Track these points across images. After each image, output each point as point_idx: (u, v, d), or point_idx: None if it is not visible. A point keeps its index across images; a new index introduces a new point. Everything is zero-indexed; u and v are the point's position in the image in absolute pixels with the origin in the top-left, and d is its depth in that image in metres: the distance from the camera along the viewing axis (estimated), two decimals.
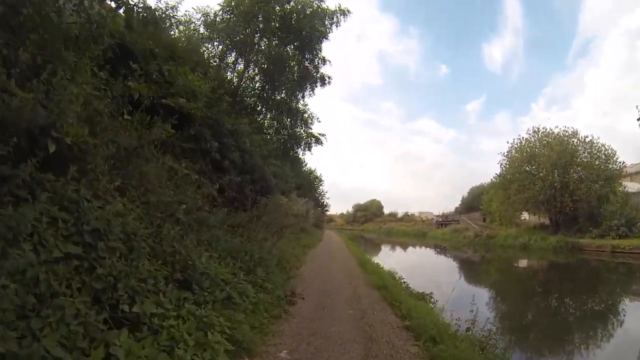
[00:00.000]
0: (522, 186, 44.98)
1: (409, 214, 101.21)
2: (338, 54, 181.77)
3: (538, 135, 46.23)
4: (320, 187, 70.10)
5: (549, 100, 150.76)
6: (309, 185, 59.94)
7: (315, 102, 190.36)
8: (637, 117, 26.41)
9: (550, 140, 44.79)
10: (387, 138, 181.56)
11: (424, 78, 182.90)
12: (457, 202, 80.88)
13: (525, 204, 45.38)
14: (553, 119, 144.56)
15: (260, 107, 22.04)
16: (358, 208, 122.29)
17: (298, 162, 58.04)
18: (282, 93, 22.41)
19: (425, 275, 21.43)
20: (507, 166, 48.58)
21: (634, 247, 32.65)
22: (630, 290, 19.70)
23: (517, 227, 51.81)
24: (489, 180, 67.42)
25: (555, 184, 43.16)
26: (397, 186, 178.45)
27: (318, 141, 24.16)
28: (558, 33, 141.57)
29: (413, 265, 29.30)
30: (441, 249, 47.30)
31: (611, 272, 26.28)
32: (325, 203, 73.01)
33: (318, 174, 68.31)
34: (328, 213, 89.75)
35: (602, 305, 16.55)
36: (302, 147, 24.08)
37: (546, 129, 46.00)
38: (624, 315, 13.92)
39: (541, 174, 44.07)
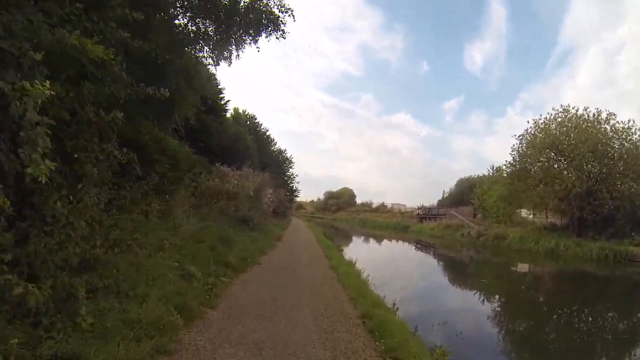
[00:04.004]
0: (550, 176, 33.71)
1: (385, 204, 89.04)
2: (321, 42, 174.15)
3: (568, 116, 34.77)
4: (290, 169, 59.44)
5: (525, 105, 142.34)
6: (277, 166, 51.28)
7: (290, 89, 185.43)
8: None
9: (583, 123, 33.77)
10: (363, 129, 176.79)
11: (404, 74, 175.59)
12: (428, 197, 70.72)
13: (552, 199, 33.08)
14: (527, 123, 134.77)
15: None
16: (330, 195, 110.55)
17: (266, 140, 49.19)
18: None
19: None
20: (525, 152, 37.06)
21: None
22: None
23: (521, 227, 40.90)
24: (472, 175, 63.23)
25: (592, 176, 32.38)
26: (369, 177, 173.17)
27: (276, 24, 11.20)
28: (539, 41, 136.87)
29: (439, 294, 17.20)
30: (434, 250, 36.54)
31: None
32: (294, 187, 61.70)
33: (288, 155, 59.41)
34: (298, 199, 78.95)
35: None
36: (250, 29, 11.03)
37: (576, 109, 34.79)
38: None
39: (575, 163, 32.66)
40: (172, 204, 9.62)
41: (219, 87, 27.70)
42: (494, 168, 51.88)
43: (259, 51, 11.71)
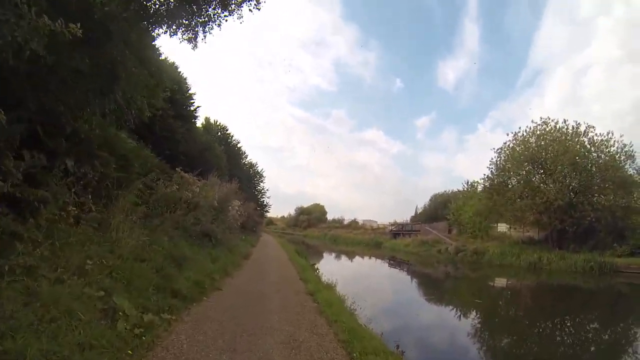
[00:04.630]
0: (530, 189, 32.99)
1: (357, 221, 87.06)
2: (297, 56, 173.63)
3: (547, 128, 34.25)
4: (261, 183, 57.12)
5: (495, 123, 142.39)
6: (247, 180, 48.79)
7: (264, 103, 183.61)
8: None
9: (562, 136, 33.33)
10: (334, 145, 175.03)
11: (378, 90, 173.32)
12: (399, 214, 69.41)
13: (533, 212, 31.77)
14: (497, 140, 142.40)
15: None
16: (301, 211, 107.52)
17: (237, 152, 47.13)
18: None
19: None
20: (504, 165, 36.29)
21: None
22: None
23: (498, 241, 39.90)
24: (446, 190, 62.83)
25: (573, 188, 31.72)
26: (340, 194, 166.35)
27: None
28: (510, 61, 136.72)
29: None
30: (407, 266, 34.61)
31: None
32: (265, 202, 59.34)
33: (259, 169, 57.22)
34: (268, 214, 76.15)
35: None
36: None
37: (556, 122, 34.32)
38: None
39: (555, 176, 32.02)
40: (113, 211, 7.34)
41: (189, 92, 25.45)
42: (469, 183, 52.17)
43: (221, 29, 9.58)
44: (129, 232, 7.18)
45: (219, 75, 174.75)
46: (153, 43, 10.09)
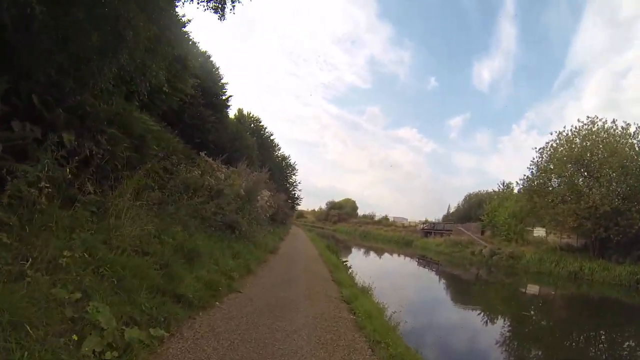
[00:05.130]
0: (574, 193, 30.59)
1: (388, 217, 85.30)
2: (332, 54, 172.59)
3: (594, 128, 31.55)
4: (294, 176, 56.14)
5: (530, 124, 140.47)
6: (279, 172, 48.43)
7: (298, 99, 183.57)
8: None
9: (610, 137, 30.68)
10: (368, 142, 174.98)
11: (412, 88, 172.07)
12: (430, 212, 67.24)
13: (577, 217, 29.55)
14: (532, 142, 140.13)
15: None
16: (332, 206, 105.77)
17: (269, 144, 46.47)
18: None
19: None
20: (546, 166, 34.01)
21: None
22: None
23: (533, 246, 37.74)
24: (480, 190, 59.73)
25: (621, 194, 29.13)
26: (370, 190, 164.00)
27: None
28: (547, 62, 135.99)
29: None
30: (438, 267, 33.53)
31: None
32: (297, 195, 58.57)
33: (292, 162, 56.58)
34: (299, 207, 75.63)
35: None
36: None
37: (604, 121, 31.63)
38: None
39: (602, 179, 29.52)
40: (116, 194, 6.39)
41: (221, 81, 24.66)
42: (504, 184, 50.15)
43: None
44: (133, 219, 6.20)
45: (254, 70, 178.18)
46: (173, 12, 9.00)
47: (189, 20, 14.61)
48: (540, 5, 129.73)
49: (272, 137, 47.06)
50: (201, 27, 59.85)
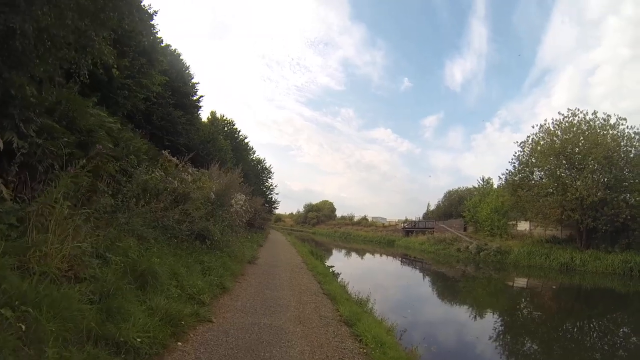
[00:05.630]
0: (561, 184, 29.99)
1: (367, 218, 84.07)
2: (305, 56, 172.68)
3: (574, 120, 31.23)
4: (270, 179, 54.29)
5: (503, 122, 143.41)
6: (255, 175, 45.92)
7: (272, 103, 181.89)
8: None
9: (590, 129, 30.40)
10: (342, 144, 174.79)
11: (386, 89, 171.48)
12: (408, 211, 66.23)
13: (564, 209, 28.89)
14: (505, 139, 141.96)
15: None
16: (310, 208, 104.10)
17: (244, 147, 44.69)
18: None
19: None
20: (528, 159, 33.69)
21: None
22: None
23: (518, 240, 37.10)
24: (460, 187, 59.27)
25: (607, 183, 28.28)
26: (348, 192, 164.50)
27: None
28: (518, 60, 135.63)
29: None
30: (427, 266, 32.07)
31: None
32: (274, 199, 56.68)
33: (267, 165, 53.82)
34: (277, 212, 73.22)
35: None
36: None
37: (585, 113, 31.36)
38: None
39: (588, 170, 28.95)
40: (42, 200, 4.66)
41: (191, 81, 22.94)
42: (484, 180, 50.49)
43: None
44: (64, 233, 4.49)
45: (227, 75, 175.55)
46: None
47: (155, 12, 13.05)
48: (510, 5, 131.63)
49: (246, 140, 45.37)
50: (173, 32, 58.13)
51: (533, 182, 33.10)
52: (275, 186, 56.56)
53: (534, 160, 32.84)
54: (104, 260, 5.01)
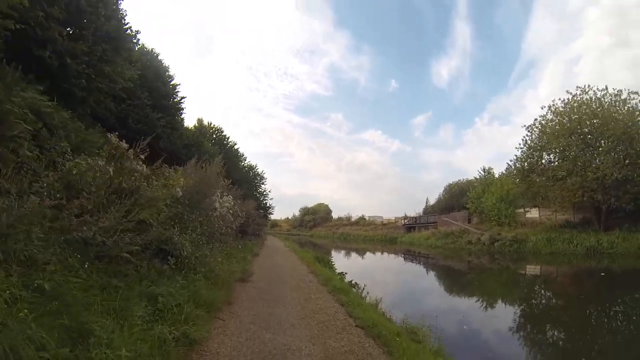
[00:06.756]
0: (579, 165, 27.72)
1: (365, 217, 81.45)
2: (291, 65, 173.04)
3: (585, 97, 29.09)
4: (263, 185, 51.74)
5: (492, 116, 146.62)
6: (247, 182, 43.36)
7: (260, 112, 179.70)
8: None
9: (600, 106, 28.35)
10: (333, 148, 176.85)
11: (373, 92, 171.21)
12: (404, 209, 63.16)
13: (585, 189, 26.67)
14: (495, 132, 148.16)
15: None
16: (306, 212, 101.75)
17: (234, 154, 41.87)
18: None
19: None
20: (538, 143, 31.62)
21: None
22: None
23: (528, 227, 34.95)
24: (460, 179, 57.49)
25: (630, 160, 25.67)
26: (341, 194, 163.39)
27: None
28: (502, 56, 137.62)
29: None
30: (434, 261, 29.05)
31: None
32: (268, 205, 53.78)
33: (259, 171, 51.23)
34: (272, 217, 69.95)
35: None
36: None
37: (594, 92, 29.20)
38: None
39: (606, 147, 26.85)
40: None
41: (171, 82, 20.06)
42: (485, 170, 49.10)
43: None
44: None
45: (216, 88, 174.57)
46: None
47: None
48: (492, 4, 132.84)
49: (236, 147, 42.60)
50: (159, 46, 55.27)
51: (544, 166, 30.92)
52: (269, 191, 54.00)
53: (543, 144, 30.69)
54: None
